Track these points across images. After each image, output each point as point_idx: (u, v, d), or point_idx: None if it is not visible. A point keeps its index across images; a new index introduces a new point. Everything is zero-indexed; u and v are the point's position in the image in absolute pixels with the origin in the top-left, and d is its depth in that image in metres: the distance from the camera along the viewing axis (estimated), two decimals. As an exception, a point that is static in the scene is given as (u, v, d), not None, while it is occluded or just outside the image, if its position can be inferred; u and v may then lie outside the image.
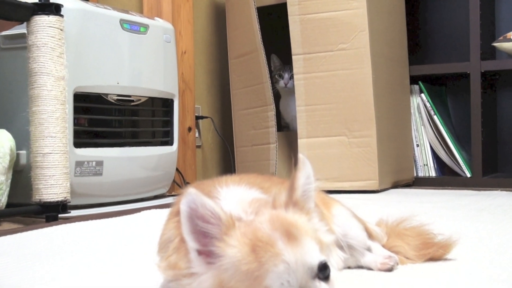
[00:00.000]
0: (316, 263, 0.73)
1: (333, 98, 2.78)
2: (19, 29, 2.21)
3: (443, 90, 3.47)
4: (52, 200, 2.04)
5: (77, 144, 2.27)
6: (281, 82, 3.22)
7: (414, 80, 3.24)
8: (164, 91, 2.67)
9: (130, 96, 2.50)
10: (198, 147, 3.35)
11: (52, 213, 2.05)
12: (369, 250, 1.21)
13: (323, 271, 0.73)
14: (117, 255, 1.43)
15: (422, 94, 3.20)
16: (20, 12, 2.05)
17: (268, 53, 3.07)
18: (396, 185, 2.98)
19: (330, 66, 2.78)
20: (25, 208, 2.07)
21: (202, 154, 3.41)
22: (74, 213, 2.16)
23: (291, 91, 3.02)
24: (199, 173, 3.33)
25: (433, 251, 1.23)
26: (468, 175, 3.09)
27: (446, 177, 3.16)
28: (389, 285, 1.08)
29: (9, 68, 2.32)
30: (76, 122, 2.28)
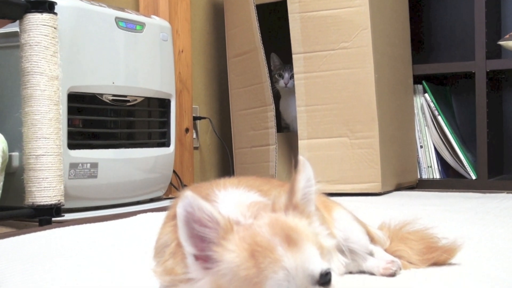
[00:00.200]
0: (317, 269, 0.72)
1: (334, 98, 2.78)
2: (12, 27, 2.21)
3: (447, 90, 3.47)
4: (45, 203, 2.04)
5: (71, 145, 2.27)
6: (281, 82, 3.22)
7: (417, 79, 3.25)
8: (160, 91, 2.67)
9: (125, 96, 2.50)
10: (196, 148, 3.34)
11: (45, 216, 2.05)
12: (371, 254, 1.21)
13: (324, 277, 0.73)
14: (112, 260, 1.43)
15: (426, 94, 3.20)
16: (13, 10, 2.05)
17: (268, 52, 3.07)
18: (399, 188, 2.98)
19: (331, 65, 2.78)
20: (17, 212, 2.06)
21: (200, 156, 3.41)
22: (68, 217, 2.16)
23: (291, 91, 3.02)
24: (197, 175, 3.33)
25: (437, 256, 1.23)
26: (473, 177, 3.09)
27: (450, 179, 3.16)
28: (392, 290, 1.08)
29: (1, 67, 2.32)
30: (70, 123, 2.28)
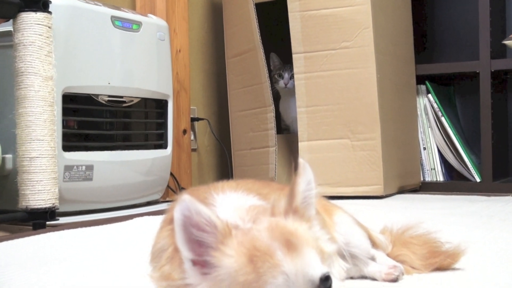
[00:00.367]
0: (317, 275, 0.72)
1: (335, 99, 2.79)
2: (5, 27, 2.21)
3: (451, 90, 3.47)
4: (39, 206, 2.04)
5: (66, 147, 2.27)
6: (281, 82, 3.22)
7: (420, 79, 3.25)
8: (157, 92, 2.67)
9: (122, 97, 2.50)
10: (194, 150, 3.35)
11: (39, 220, 2.05)
12: (373, 259, 1.21)
13: (324, 283, 0.73)
14: (108, 264, 1.43)
15: (429, 95, 3.20)
16: (6, 8, 2.05)
17: (267, 52, 3.07)
18: (401, 191, 2.98)
19: (333, 65, 2.78)
20: (11, 215, 2.06)
21: (198, 158, 3.41)
22: (62, 221, 2.16)
23: (292, 91, 3.02)
24: (195, 178, 3.33)
25: (441, 260, 1.23)
26: (478, 179, 3.09)
27: (454, 182, 3.16)
28: (394, 296, 1.08)
29: (-6, 67, 2.32)
30: (65, 125, 2.28)
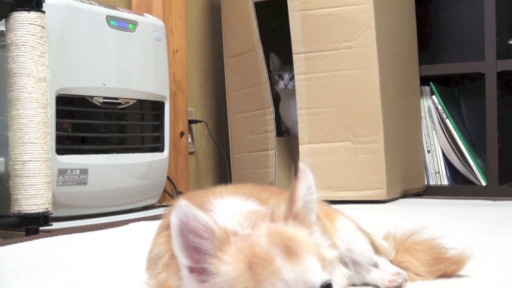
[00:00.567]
0: (317, 282, 0.72)
1: (337, 101, 2.79)
2: (-3, 27, 2.22)
3: (456, 91, 3.47)
4: (32, 211, 2.04)
5: (60, 150, 2.27)
6: (281, 83, 3.22)
7: (424, 80, 3.25)
8: (154, 93, 2.67)
9: (117, 98, 2.50)
10: (191, 153, 3.35)
11: (32, 225, 2.05)
12: (375, 266, 1.21)
13: (325, 290, 0.73)
14: (103, 271, 1.42)
15: (434, 96, 3.20)
16: (-2, 8, 2.05)
17: (267, 52, 3.07)
18: (405, 195, 2.98)
19: (334, 66, 2.78)
20: (3, 220, 2.06)
21: (196, 161, 3.41)
22: (56, 226, 2.16)
23: (292, 93, 3.02)
24: (192, 181, 3.32)
25: (445, 267, 1.23)
26: (484, 183, 3.09)
27: (459, 186, 3.16)
28: (398, 304, 1.08)
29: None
30: (58, 127, 2.28)
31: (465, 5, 3.44)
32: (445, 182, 3.21)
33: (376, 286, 1.19)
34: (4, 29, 2.09)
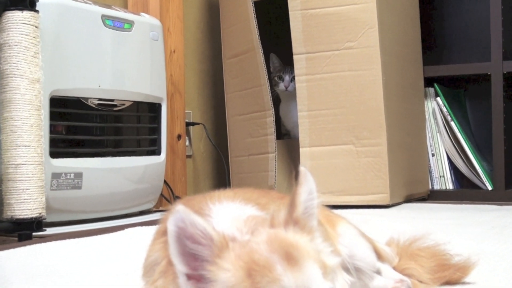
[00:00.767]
0: (318, 290, 0.72)
1: (338, 103, 2.79)
2: (-10, 26, 2.22)
3: (461, 93, 3.48)
4: (25, 216, 2.04)
5: (54, 154, 2.27)
6: (281, 85, 3.23)
7: (429, 82, 3.25)
8: (150, 95, 2.67)
9: (113, 100, 2.50)
10: (189, 157, 3.35)
11: (25, 231, 2.05)
12: (378, 273, 1.21)
13: (326, 298, 0.73)
14: (97, 278, 1.42)
15: (438, 98, 3.21)
16: (-9, 7, 2.05)
17: (267, 53, 3.08)
18: (409, 199, 2.98)
19: (336, 67, 2.79)
20: (-5, 226, 2.06)
21: (193, 165, 3.41)
22: (50, 231, 2.16)
23: (292, 94, 3.02)
24: (190, 185, 3.33)
25: (450, 274, 1.23)
26: (489, 188, 3.09)
27: (464, 190, 3.16)
28: (401, 312, 1.08)
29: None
30: (52, 130, 2.28)
31: (470, 4, 3.45)
32: (450, 186, 3.22)
33: (379, 294, 1.19)
34: (-3, 29, 2.10)
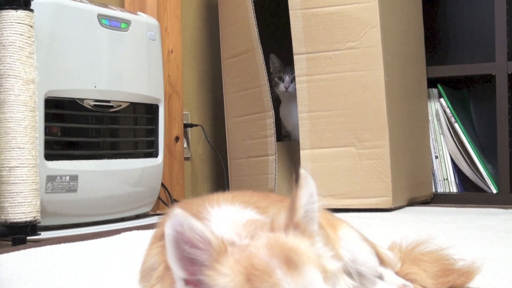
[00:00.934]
0: (319, 295, 0.73)
1: (340, 104, 2.79)
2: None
3: (465, 94, 3.48)
4: (19, 220, 2.04)
5: (49, 156, 2.27)
6: (281, 86, 3.23)
7: (432, 83, 3.25)
8: (148, 96, 2.67)
9: (109, 101, 2.51)
10: (187, 159, 3.35)
11: (19, 235, 2.05)
12: (380, 278, 1.21)
13: (327, 304, 0.73)
14: (93, 283, 1.42)
15: (442, 99, 3.21)
16: (-16, 6, 2.05)
17: (267, 53, 3.08)
18: (412, 203, 2.98)
19: (337, 67, 2.79)
20: (-12, 230, 2.06)
21: (191, 167, 3.41)
22: (44, 235, 2.16)
23: (293, 95, 3.03)
24: (188, 188, 3.33)
25: (454, 279, 1.23)
26: (494, 191, 3.09)
27: (468, 193, 3.16)
28: (404, 318, 1.08)
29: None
30: (47, 131, 2.28)
31: (474, 3, 3.45)
32: (453, 189, 3.22)
33: (381, 299, 1.19)
34: (-9, 28, 2.10)
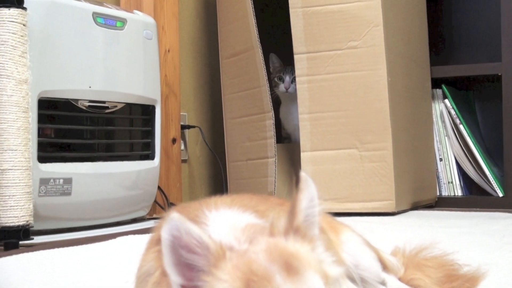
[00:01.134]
0: (320, 301, 0.73)
1: (341, 105, 2.79)
2: (-25, 24, 2.22)
3: (470, 95, 3.48)
4: (12, 224, 2.03)
5: (42, 158, 2.27)
6: (281, 86, 3.23)
7: (436, 83, 3.26)
8: (144, 96, 2.67)
9: (104, 102, 2.51)
10: (184, 161, 3.35)
11: (12, 239, 2.05)
12: (383, 284, 1.21)
13: (328, 310, 0.73)
14: (88, 290, 1.42)
15: (446, 100, 3.21)
16: (-24, 4, 2.05)
17: (266, 52, 3.08)
18: (415, 206, 2.98)
19: (339, 67, 2.79)
20: (-20, 234, 2.06)
21: (189, 170, 3.41)
22: (38, 240, 2.16)
23: (293, 96, 3.03)
24: (185, 192, 3.33)
25: (458, 285, 1.23)
26: (500, 194, 3.10)
27: (474, 197, 3.16)
28: (407, 325, 1.08)
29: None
30: (40, 133, 2.28)
31: (480, 2, 3.45)
32: (458, 192, 3.22)
33: (384, 306, 1.19)
34: (-18, 27, 2.10)
